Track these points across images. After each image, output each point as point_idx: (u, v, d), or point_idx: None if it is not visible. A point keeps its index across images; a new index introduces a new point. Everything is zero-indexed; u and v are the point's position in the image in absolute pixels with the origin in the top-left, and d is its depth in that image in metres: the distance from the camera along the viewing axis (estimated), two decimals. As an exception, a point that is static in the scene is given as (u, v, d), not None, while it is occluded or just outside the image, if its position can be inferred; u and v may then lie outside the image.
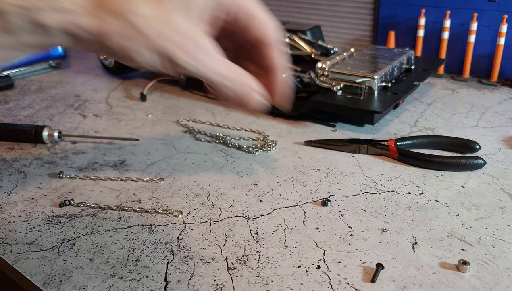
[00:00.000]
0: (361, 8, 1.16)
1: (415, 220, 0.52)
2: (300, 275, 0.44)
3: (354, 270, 0.45)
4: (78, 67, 1.17)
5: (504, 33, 0.94)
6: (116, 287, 0.43)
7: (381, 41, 1.14)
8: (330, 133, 0.76)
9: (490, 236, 0.49)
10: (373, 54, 0.89)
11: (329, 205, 0.55)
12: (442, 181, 0.60)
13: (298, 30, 1.03)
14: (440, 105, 0.86)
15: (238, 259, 0.47)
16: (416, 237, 0.49)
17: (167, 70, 0.36)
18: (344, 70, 0.80)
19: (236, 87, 0.38)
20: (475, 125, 0.77)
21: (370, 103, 0.75)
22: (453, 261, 0.46)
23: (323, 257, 0.47)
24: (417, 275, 0.44)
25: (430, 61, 0.95)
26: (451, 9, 1.01)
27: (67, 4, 0.31)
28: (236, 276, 0.44)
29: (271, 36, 0.40)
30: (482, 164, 0.62)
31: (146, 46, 0.33)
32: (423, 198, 0.57)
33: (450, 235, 0.50)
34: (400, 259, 0.46)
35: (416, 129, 0.76)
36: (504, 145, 0.70)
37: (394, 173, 0.63)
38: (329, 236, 0.50)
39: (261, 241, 0.49)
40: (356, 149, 0.68)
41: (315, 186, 0.60)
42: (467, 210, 0.54)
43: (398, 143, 0.67)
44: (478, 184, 0.59)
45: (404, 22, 1.10)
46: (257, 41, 0.41)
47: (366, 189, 0.59)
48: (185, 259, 0.47)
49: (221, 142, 0.73)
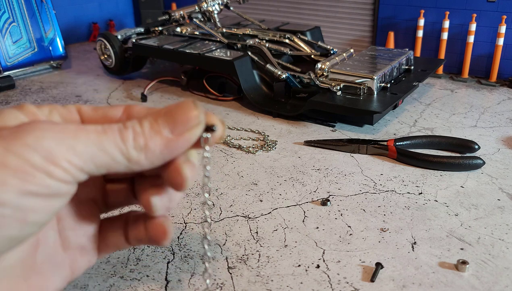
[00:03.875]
0: (361, 9, 1.16)
1: (414, 220, 0.53)
2: (300, 274, 0.44)
3: (353, 269, 0.45)
4: (79, 68, 1.17)
5: (503, 33, 0.94)
6: (117, 287, 0.43)
7: (381, 42, 1.14)
8: (329, 134, 0.76)
9: (489, 236, 0.49)
10: (373, 55, 0.90)
11: (329, 204, 0.56)
12: (441, 181, 0.61)
13: (298, 31, 1.04)
14: (439, 105, 0.86)
15: (238, 258, 0.47)
16: (415, 237, 0.50)
17: None
18: (343, 70, 0.80)
19: None
20: (474, 125, 0.77)
21: (369, 104, 0.76)
22: (452, 261, 0.46)
23: (322, 256, 0.47)
24: (416, 275, 0.44)
25: (429, 62, 0.96)
26: (450, 9, 1.01)
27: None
28: (236, 275, 0.44)
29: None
30: (481, 164, 0.63)
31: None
32: (422, 198, 0.57)
33: (449, 234, 0.50)
34: (399, 259, 0.46)
35: (415, 130, 0.76)
36: (503, 145, 0.70)
37: (393, 172, 0.63)
38: (329, 235, 0.50)
39: (261, 241, 0.50)
40: (355, 149, 0.69)
41: (315, 185, 0.60)
42: (466, 210, 0.54)
43: (397, 143, 0.67)
44: (477, 184, 0.60)
45: (404, 23, 1.10)
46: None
47: (365, 188, 0.59)
48: (185, 258, 0.47)
49: (222, 142, 0.73)
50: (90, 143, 0.23)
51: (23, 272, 0.26)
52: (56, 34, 1.17)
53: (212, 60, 0.88)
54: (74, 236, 0.29)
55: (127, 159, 0.24)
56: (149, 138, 0.25)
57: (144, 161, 0.24)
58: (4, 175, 0.22)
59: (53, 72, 1.14)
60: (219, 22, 1.10)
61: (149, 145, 0.25)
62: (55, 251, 0.28)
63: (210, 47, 0.94)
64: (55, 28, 1.17)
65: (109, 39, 1.05)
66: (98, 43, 1.08)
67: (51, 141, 0.22)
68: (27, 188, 0.22)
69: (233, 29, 1.07)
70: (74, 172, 0.23)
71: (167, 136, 0.25)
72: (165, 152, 0.25)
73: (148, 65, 1.15)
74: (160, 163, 0.25)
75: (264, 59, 0.91)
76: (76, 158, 0.23)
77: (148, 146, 0.25)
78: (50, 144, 0.22)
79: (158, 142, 0.25)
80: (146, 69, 1.14)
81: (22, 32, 1.10)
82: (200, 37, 1.04)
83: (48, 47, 1.15)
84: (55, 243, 0.28)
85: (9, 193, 0.21)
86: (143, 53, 1.02)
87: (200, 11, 1.07)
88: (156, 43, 0.98)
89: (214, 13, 1.08)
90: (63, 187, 0.23)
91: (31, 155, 0.22)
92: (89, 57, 1.26)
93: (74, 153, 0.23)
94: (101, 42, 1.07)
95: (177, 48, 0.94)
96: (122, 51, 1.05)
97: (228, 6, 1.10)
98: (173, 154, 0.25)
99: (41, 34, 1.14)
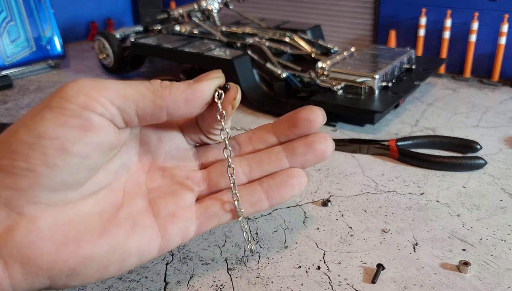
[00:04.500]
0: (362, 8, 1.16)
1: (416, 221, 0.52)
2: (300, 276, 0.44)
3: (354, 270, 0.44)
4: (77, 67, 1.17)
5: (505, 32, 0.93)
6: (115, 288, 0.43)
7: (382, 41, 1.14)
8: (330, 133, 0.75)
9: (491, 237, 0.49)
10: (374, 54, 0.89)
11: (330, 205, 0.55)
12: (443, 181, 0.60)
13: (298, 30, 1.03)
14: (441, 105, 0.86)
15: (238, 259, 0.46)
16: (417, 238, 0.49)
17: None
18: (344, 69, 0.80)
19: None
20: (476, 125, 0.77)
21: (370, 103, 0.75)
22: (454, 262, 0.45)
23: (323, 257, 0.46)
24: (418, 276, 0.44)
25: (430, 61, 0.95)
26: (452, 8, 1.00)
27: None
28: (236, 277, 0.44)
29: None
30: (483, 164, 0.62)
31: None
32: (424, 198, 0.56)
33: (451, 235, 0.49)
34: (400, 260, 0.46)
35: (417, 129, 0.76)
36: (505, 145, 0.69)
37: (395, 173, 0.62)
38: (330, 236, 0.50)
39: (261, 242, 0.49)
40: (356, 149, 0.68)
41: (315, 186, 0.60)
42: (468, 210, 0.54)
43: (399, 143, 0.67)
44: (479, 184, 0.59)
45: (405, 22, 1.09)
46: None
47: (366, 189, 0.59)
48: (184, 259, 0.46)
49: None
50: (119, 83, 0.27)
51: (100, 224, 0.28)
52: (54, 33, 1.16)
53: (212, 59, 0.87)
54: (164, 203, 0.31)
55: (152, 91, 0.27)
56: (174, 82, 0.29)
57: (168, 97, 0.28)
58: (44, 112, 0.25)
59: (51, 72, 1.13)
60: (219, 21, 1.09)
61: (173, 84, 0.29)
62: (143, 214, 0.30)
63: (209, 46, 0.93)
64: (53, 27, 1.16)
65: (108, 38, 1.04)
66: (97, 42, 1.07)
67: (86, 85, 0.26)
68: (62, 120, 0.25)
69: (232, 28, 1.06)
70: (104, 102, 0.26)
71: (190, 82, 0.29)
72: (187, 92, 0.28)
73: (147, 65, 1.15)
74: (184, 108, 0.28)
75: (264, 58, 0.90)
76: (106, 91, 0.26)
77: (172, 84, 0.29)
78: (85, 86, 0.26)
79: (182, 85, 0.29)
80: (145, 68, 1.14)
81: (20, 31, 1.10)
82: (199, 36, 1.03)
83: (46, 46, 1.15)
84: (144, 208, 0.30)
85: (46, 126, 0.25)
86: (142, 52, 1.01)
87: (200, 9, 1.07)
88: (155, 42, 0.98)
89: (214, 11, 1.07)
90: (95, 117, 0.26)
91: (70, 96, 0.26)
92: (88, 56, 1.25)
93: (104, 88, 0.26)
94: (100, 41, 1.06)
95: (176, 47, 0.93)
96: (120, 50, 1.04)
97: (227, 5, 1.10)
98: (195, 98, 0.29)
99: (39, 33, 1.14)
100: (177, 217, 0.30)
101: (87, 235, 0.27)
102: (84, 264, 0.27)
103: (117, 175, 0.30)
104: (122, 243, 0.28)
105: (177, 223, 0.30)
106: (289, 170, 0.33)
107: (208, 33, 1.03)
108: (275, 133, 0.34)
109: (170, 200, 0.31)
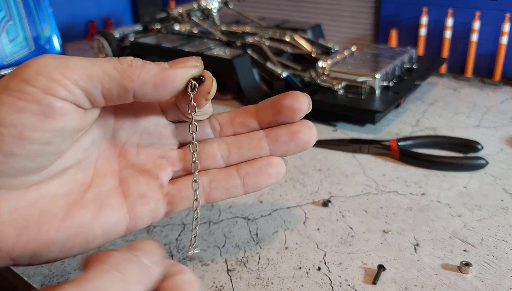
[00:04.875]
0: (362, 7, 1.15)
1: (417, 221, 0.52)
2: (301, 277, 0.44)
3: (355, 271, 0.44)
4: (77, 66, 1.17)
5: (506, 32, 0.93)
6: (114, 289, 0.42)
7: (383, 40, 1.13)
8: (331, 133, 0.75)
9: (493, 237, 0.49)
10: (374, 53, 0.89)
11: (330, 205, 0.55)
12: (444, 181, 0.60)
13: (299, 29, 1.03)
14: (442, 104, 0.86)
15: (237, 260, 0.46)
16: (418, 238, 0.49)
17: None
18: (345, 69, 0.79)
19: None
20: (477, 125, 0.76)
21: (371, 103, 0.75)
22: (455, 262, 0.45)
23: (323, 258, 0.46)
24: (419, 277, 0.43)
25: (431, 60, 0.95)
26: (453, 7, 1.00)
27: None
28: (236, 278, 0.44)
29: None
30: (484, 164, 0.62)
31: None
32: (425, 199, 0.56)
33: (452, 236, 0.49)
34: (401, 260, 0.45)
35: (417, 129, 0.75)
36: (507, 145, 0.69)
37: (396, 173, 0.62)
38: (330, 237, 0.49)
39: (261, 242, 0.49)
40: (357, 149, 0.68)
41: (316, 186, 0.59)
42: (469, 211, 0.53)
43: (400, 143, 0.66)
44: (480, 185, 0.59)
45: (406, 21, 1.09)
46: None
47: (367, 189, 0.58)
48: (184, 260, 0.46)
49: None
50: (85, 61, 0.25)
51: (65, 206, 0.27)
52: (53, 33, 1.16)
53: (211, 58, 0.87)
54: (135, 183, 0.30)
55: (120, 72, 0.25)
56: (147, 63, 0.27)
57: (136, 79, 0.26)
58: (1, 96, 0.23)
59: (51, 71, 1.13)
60: (218, 20, 1.09)
61: (145, 66, 0.27)
62: (112, 195, 0.29)
63: (209, 45, 0.93)
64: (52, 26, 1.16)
65: (107, 37, 1.04)
66: (96, 41, 1.07)
67: (48, 64, 0.24)
68: (21, 105, 0.23)
69: (232, 27, 1.06)
70: (67, 84, 0.24)
71: (163, 66, 0.27)
72: (158, 77, 0.26)
73: (147, 64, 1.14)
74: (152, 93, 0.26)
75: (264, 58, 0.90)
76: (70, 71, 0.24)
77: (144, 65, 0.27)
78: (47, 66, 0.24)
79: (154, 68, 0.27)
80: (145, 67, 1.13)
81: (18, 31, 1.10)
82: (199, 35, 1.03)
83: (45, 45, 1.14)
84: (114, 188, 0.29)
85: (3, 112, 0.23)
86: (141, 52, 1.01)
87: (199, 8, 1.06)
88: (154, 42, 0.97)
89: (213, 10, 1.07)
90: (57, 102, 0.24)
91: (30, 77, 0.23)
92: (87, 56, 1.25)
93: (68, 68, 0.24)
94: (99, 40, 1.06)
95: (175, 47, 0.93)
96: (120, 49, 1.04)
97: (227, 4, 1.09)
98: (164, 85, 0.27)
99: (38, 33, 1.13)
100: (148, 198, 0.29)
101: (50, 219, 0.26)
102: (47, 247, 0.26)
103: (87, 152, 0.29)
104: (87, 225, 0.27)
105: (147, 204, 0.29)
106: (268, 158, 0.32)
107: (207, 32, 1.02)
108: (257, 118, 0.33)
109: (142, 179, 0.30)
